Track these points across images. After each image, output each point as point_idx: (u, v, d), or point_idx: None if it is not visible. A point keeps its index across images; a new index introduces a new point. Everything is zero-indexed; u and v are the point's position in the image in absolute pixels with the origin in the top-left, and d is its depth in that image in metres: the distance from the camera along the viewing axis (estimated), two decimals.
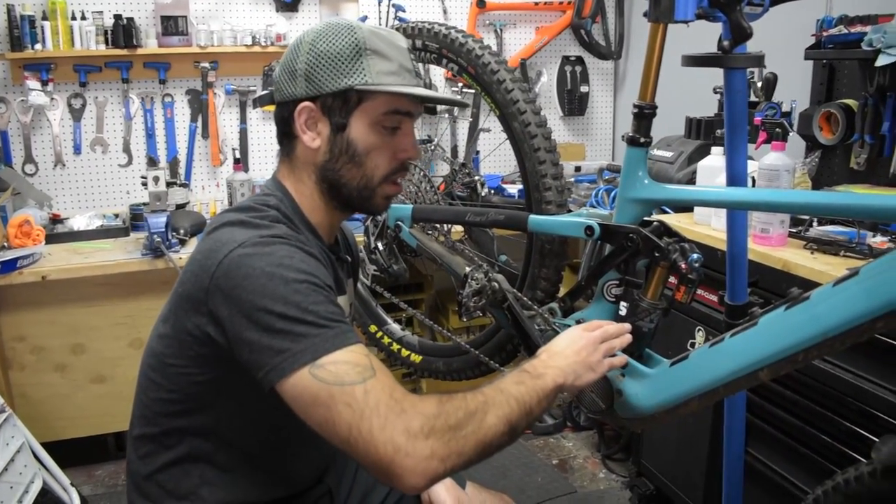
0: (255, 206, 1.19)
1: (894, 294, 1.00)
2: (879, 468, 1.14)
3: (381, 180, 1.22)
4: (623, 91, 3.85)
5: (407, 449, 0.95)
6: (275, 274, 1.04)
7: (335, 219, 1.28)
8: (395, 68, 1.18)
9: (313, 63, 1.17)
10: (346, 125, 1.18)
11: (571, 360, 1.19)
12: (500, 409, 1.05)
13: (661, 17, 1.20)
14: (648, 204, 1.34)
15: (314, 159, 1.21)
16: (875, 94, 2.13)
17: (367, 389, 0.98)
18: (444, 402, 1.01)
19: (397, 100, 1.19)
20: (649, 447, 2.48)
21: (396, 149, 1.21)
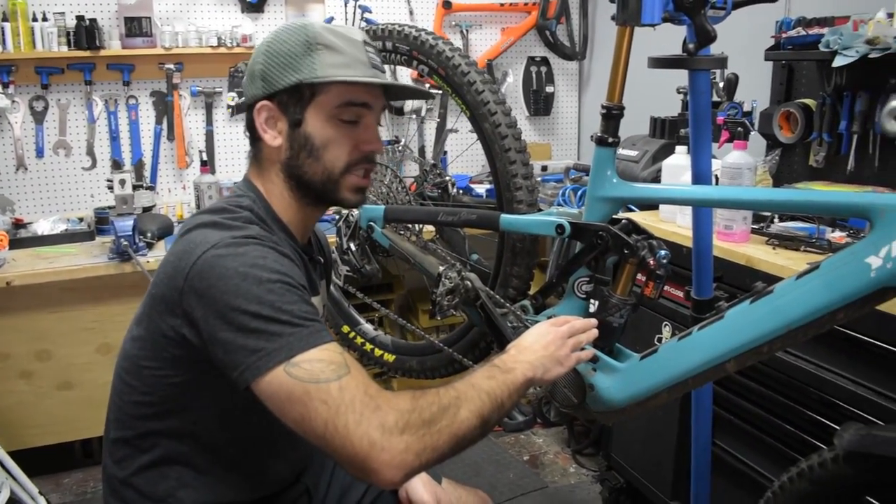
0: (228, 208, 1.20)
1: (853, 286, 1.05)
2: (842, 454, 1.18)
3: (342, 172, 1.23)
4: (588, 91, 3.90)
5: (382, 444, 0.97)
6: (248, 274, 1.05)
7: (308, 217, 1.29)
8: (346, 61, 1.19)
9: (268, 63, 1.20)
10: (302, 120, 1.20)
11: (540, 355, 1.22)
12: (472, 404, 1.07)
13: (629, 21, 1.24)
14: (617, 202, 1.37)
15: (278, 157, 1.23)
16: (832, 94, 2.20)
17: (342, 386, 0.99)
18: (417, 398, 1.03)
19: (350, 91, 1.20)
20: (619, 441, 2.52)
21: (357, 141, 1.22)
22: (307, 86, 1.18)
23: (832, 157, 2.27)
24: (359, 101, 1.21)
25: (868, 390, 1.57)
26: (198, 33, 3.01)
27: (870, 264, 1.02)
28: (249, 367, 1.02)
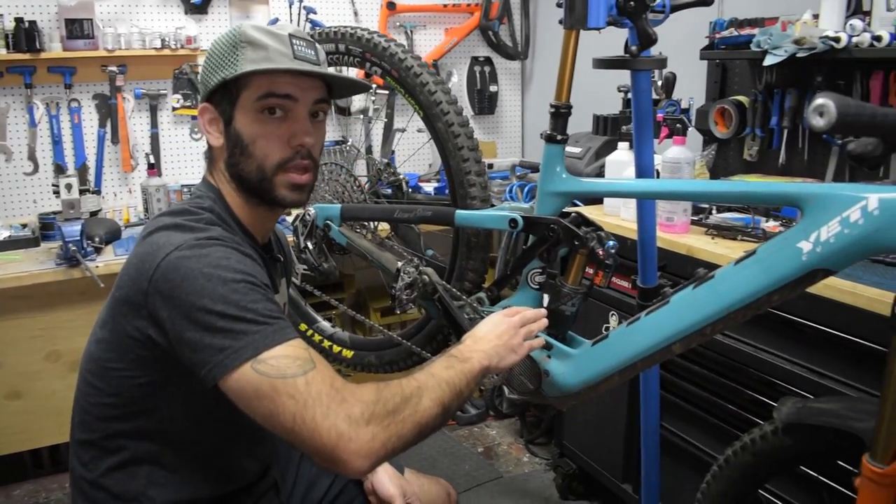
0: (191, 209, 1.22)
1: (786, 270, 1.13)
2: (781, 426, 1.28)
3: (275, 168, 1.22)
4: (530, 90, 3.98)
5: (350, 434, 1.01)
6: (213, 274, 1.08)
7: (263, 217, 1.31)
8: (266, 55, 1.19)
9: (205, 66, 1.25)
10: (233, 118, 1.22)
11: (494, 344, 1.28)
12: (433, 392, 1.12)
13: (576, 24, 1.30)
14: (567, 196, 1.44)
15: (222, 157, 1.26)
16: (764, 91, 2.32)
17: (308, 381, 1.03)
18: (381, 389, 1.08)
19: (270, 83, 1.20)
20: (570, 429, 2.60)
21: (287, 135, 1.22)
22: (231, 83, 1.20)
23: (764, 151, 2.38)
24: (280, 92, 1.20)
25: (802, 368, 1.67)
26: (141, 35, 2.98)
27: (801, 249, 1.10)
28: (217, 366, 1.05)
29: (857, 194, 1.06)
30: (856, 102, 0.92)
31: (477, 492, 2.71)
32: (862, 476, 1.10)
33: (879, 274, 1.61)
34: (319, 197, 1.80)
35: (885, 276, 1.60)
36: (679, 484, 2.08)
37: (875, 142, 0.99)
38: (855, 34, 1.94)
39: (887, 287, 1.52)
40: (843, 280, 1.57)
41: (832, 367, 1.62)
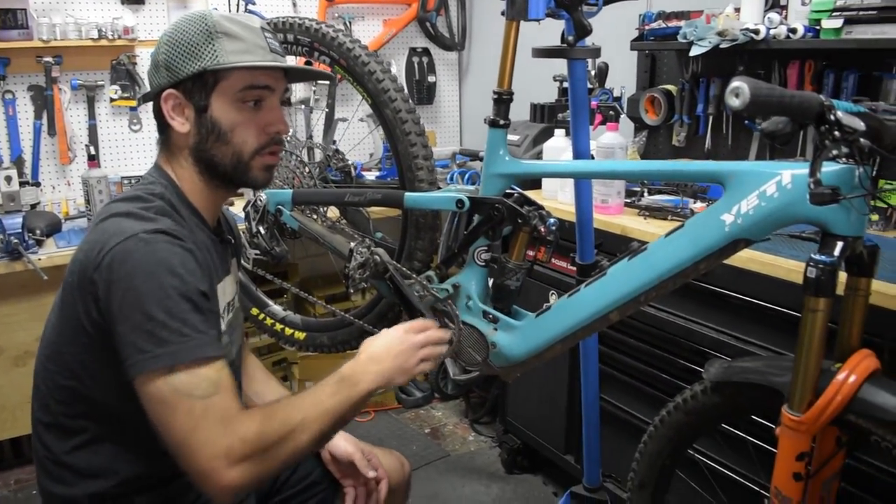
0: (143, 196, 1.26)
1: (712, 240, 1.23)
2: (709, 385, 1.39)
3: (252, 154, 1.30)
4: (467, 80, 4.07)
5: (222, 471, 1.10)
6: (153, 274, 1.12)
7: (218, 199, 1.37)
8: (246, 47, 1.26)
9: (171, 52, 1.26)
10: (208, 106, 1.26)
11: (388, 365, 1.32)
12: (315, 426, 1.19)
13: (517, 16, 1.38)
14: (510, 178, 1.52)
15: (187, 143, 1.30)
16: (690, 80, 2.45)
17: (206, 406, 1.11)
18: (266, 423, 1.14)
19: (251, 75, 1.27)
20: (514, 406, 2.71)
21: (263, 123, 1.29)
22: (210, 73, 1.25)
23: (692, 137, 2.53)
24: (260, 84, 1.28)
25: (728, 336, 1.81)
26: (77, 25, 2.94)
27: (724, 221, 1.21)
28: (134, 364, 1.12)
29: (773, 171, 1.17)
30: (767, 85, 1.03)
31: (426, 470, 2.80)
32: (782, 425, 1.22)
33: (797, 248, 1.75)
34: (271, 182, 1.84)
35: (802, 249, 1.74)
36: (618, 451, 2.20)
37: (785, 120, 1.10)
38: (773, 27, 2.08)
39: (803, 259, 1.62)
40: (764, 253, 1.70)
41: (755, 333, 1.75)
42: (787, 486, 1.22)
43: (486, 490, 2.68)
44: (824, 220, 1.14)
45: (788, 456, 1.21)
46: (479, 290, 1.55)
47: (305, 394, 1.24)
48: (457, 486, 2.71)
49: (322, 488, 1.60)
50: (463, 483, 2.73)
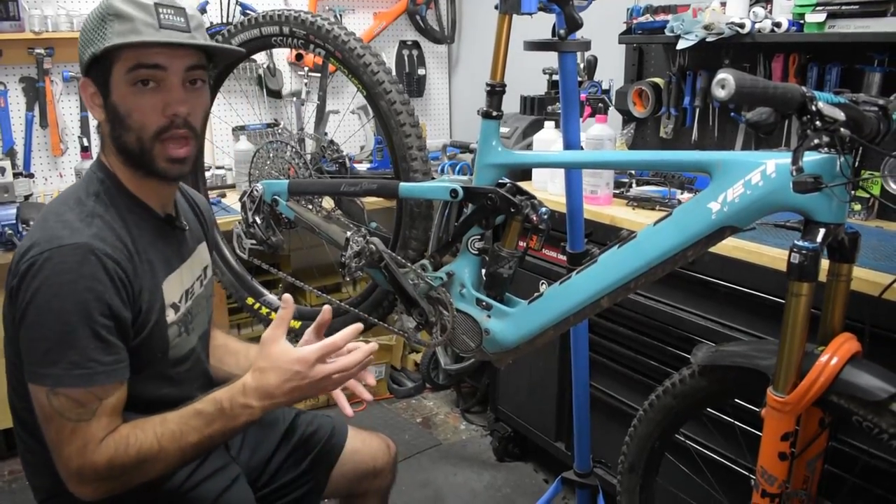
0: (81, 198, 1.26)
1: (699, 227, 1.27)
2: (697, 369, 1.43)
3: (152, 139, 1.25)
4: (457, 73, 4.10)
5: (75, 486, 1.19)
6: (58, 296, 1.15)
7: (156, 187, 1.33)
8: (132, 27, 1.20)
9: (80, 41, 1.26)
10: (109, 92, 1.23)
11: (277, 402, 1.23)
12: (173, 457, 1.21)
13: (510, 9, 1.41)
14: (503, 168, 1.55)
15: (106, 131, 1.28)
16: (677, 73, 2.49)
17: (74, 429, 1.16)
18: (119, 453, 1.18)
19: (138, 54, 1.21)
20: (504, 395, 2.75)
21: (161, 105, 1.24)
22: (101, 57, 1.21)
23: (679, 129, 2.57)
24: (149, 62, 1.21)
25: (715, 322, 1.85)
26: (69, 17, 2.94)
27: (711, 209, 1.25)
28: (26, 371, 1.19)
29: (758, 160, 1.21)
30: (751, 77, 1.07)
31: (418, 459, 2.84)
32: (767, 406, 1.26)
33: (781, 237, 1.79)
34: (266, 173, 1.87)
35: (786, 238, 1.78)
36: (607, 438, 2.25)
37: (768, 111, 1.14)
38: (758, 21, 2.12)
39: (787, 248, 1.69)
40: (750, 242, 1.74)
41: (740, 319, 1.80)
42: (772, 466, 1.26)
43: (477, 477, 2.72)
44: (807, 208, 1.18)
45: (774, 436, 1.25)
46: (472, 278, 1.58)
47: (176, 420, 1.21)
48: (449, 474, 2.75)
49: (314, 474, 1.63)
50: (455, 471, 2.77)
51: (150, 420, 1.22)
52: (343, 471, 1.64)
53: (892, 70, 1.97)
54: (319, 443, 1.64)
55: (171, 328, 1.33)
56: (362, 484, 1.67)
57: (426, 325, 1.63)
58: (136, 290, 1.24)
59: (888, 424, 1.17)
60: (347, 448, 1.65)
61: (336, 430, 1.67)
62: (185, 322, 1.38)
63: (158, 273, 1.31)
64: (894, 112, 1.21)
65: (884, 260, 1.62)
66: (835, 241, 1.25)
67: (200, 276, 1.48)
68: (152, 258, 1.31)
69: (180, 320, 1.36)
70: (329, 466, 1.63)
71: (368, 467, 1.67)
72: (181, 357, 1.37)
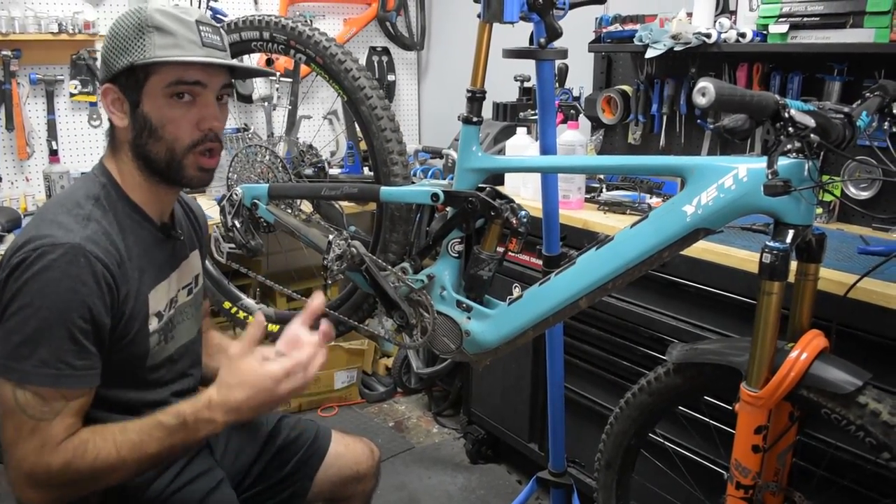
0: (80, 201, 1.26)
1: (674, 230, 1.32)
2: (672, 367, 1.48)
3: (185, 151, 1.28)
4: (426, 79, 4.13)
5: (21, 488, 1.17)
6: (41, 293, 1.16)
7: (161, 195, 1.36)
8: (175, 41, 1.23)
9: (107, 47, 1.28)
10: (140, 101, 1.26)
11: (239, 417, 1.20)
12: (131, 467, 1.20)
13: (492, 18, 1.45)
14: (482, 172, 1.59)
15: (126, 138, 1.30)
16: (645, 81, 2.56)
17: (34, 428, 1.16)
18: (76, 460, 1.16)
19: (180, 70, 1.25)
20: (477, 397, 2.78)
21: (196, 119, 1.27)
22: (139, 67, 1.24)
23: (647, 135, 2.63)
24: (189, 80, 1.26)
25: (686, 323, 1.91)
26: (36, 19, 2.91)
27: (686, 211, 1.30)
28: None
29: (731, 165, 1.26)
30: (729, 85, 1.12)
31: (392, 462, 2.85)
32: (741, 401, 1.31)
33: (749, 239, 1.85)
34: (245, 178, 1.88)
35: (753, 240, 1.84)
36: (581, 438, 2.29)
37: (744, 118, 1.19)
38: (723, 31, 2.19)
39: (755, 249, 1.77)
40: (719, 245, 1.80)
41: (710, 320, 1.85)
42: (746, 458, 1.31)
43: (451, 480, 2.75)
44: (777, 210, 1.24)
45: (747, 429, 1.30)
46: (452, 280, 1.61)
47: (137, 430, 1.19)
48: (423, 476, 2.77)
49: (298, 478, 1.63)
50: (429, 474, 2.79)
51: (110, 428, 1.21)
52: (327, 475, 1.64)
53: (852, 79, 2.05)
54: (303, 446, 1.64)
55: (151, 336, 1.33)
56: (346, 488, 1.67)
57: (406, 328, 1.66)
58: (121, 297, 1.24)
59: (855, 416, 1.22)
60: (331, 452, 1.66)
61: (319, 433, 1.68)
62: (166, 331, 1.38)
63: (147, 281, 1.32)
64: (858, 119, 1.27)
65: (846, 261, 1.69)
66: (803, 242, 1.30)
67: (190, 284, 1.48)
68: (143, 266, 1.31)
69: (161, 329, 1.36)
70: (312, 470, 1.63)
71: (352, 471, 1.67)
72: (156, 364, 1.37)
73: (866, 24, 1.89)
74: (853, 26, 1.92)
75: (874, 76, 1.98)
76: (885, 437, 1.20)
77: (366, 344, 3.37)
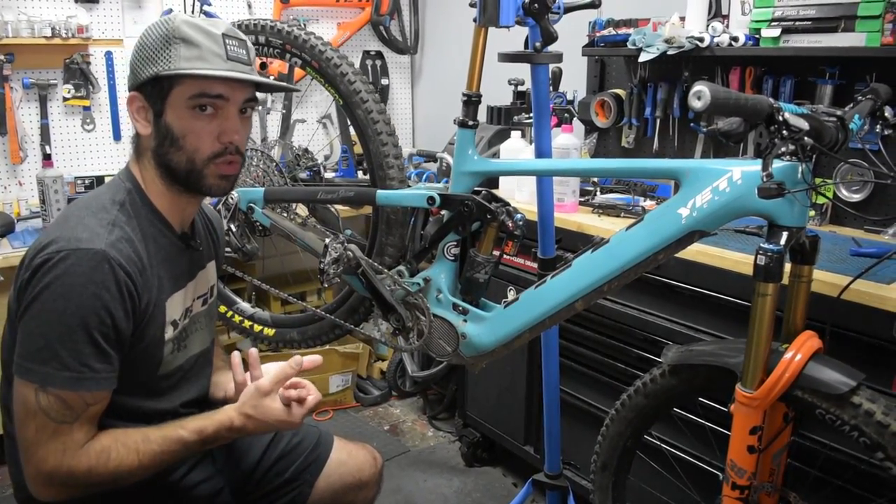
0: (105, 205, 1.28)
1: (669, 232, 1.33)
2: (667, 368, 1.49)
3: (205, 162, 1.30)
4: (420, 83, 4.14)
5: (39, 486, 1.21)
6: (63, 297, 1.17)
7: (185, 204, 1.38)
8: (200, 54, 1.25)
9: (136, 55, 1.30)
10: (163, 111, 1.28)
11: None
12: (147, 472, 1.26)
13: (488, 23, 1.46)
14: (479, 175, 1.60)
15: (149, 146, 1.32)
16: (638, 85, 2.57)
17: (57, 430, 1.18)
18: (97, 465, 1.21)
19: (203, 83, 1.26)
20: (473, 401, 2.78)
21: (218, 132, 1.29)
22: (164, 78, 1.26)
23: (640, 139, 2.64)
24: (213, 93, 1.27)
25: (680, 325, 1.92)
26: (30, 23, 2.90)
27: (681, 214, 1.31)
28: (16, 365, 1.19)
29: (725, 168, 1.28)
30: (724, 89, 1.13)
31: (387, 466, 2.81)
32: (736, 402, 1.32)
33: (742, 241, 1.87)
34: (241, 181, 1.88)
35: (747, 242, 1.86)
36: (575, 440, 2.30)
37: (739, 121, 1.20)
38: (716, 35, 2.20)
39: (748, 251, 1.78)
40: (713, 247, 1.81)
41: (705, 321, 1.86)
42: (741, 459, 1.32)
43: (447, 483, 2.75)
44: (771, 213, 1.25)
45: (742, 430, 1.31)
46: (448, 283, 1.62)
47: (159, 442, 1.26)
48: (419, 480, 2.77)
49: (297, 484, 1.63)
50: (425, 477, 2.79)
51: (132, 435, 1.25)
52: (329, 482, 1.64)
53: (843, 83, 2.07)
54: (304, 452, 1.64)
55: (166, 345, 1.35)
56: (347, 496, 1.66)
57: (403, 331, 1.66)
58: (142, 304, 1.26)
59: (849, 416, 1.24)
60: (333, 459, 1.65)
61: (321, 440, 1.67)
62: (180, 340, 1.40)
63: (165, 289, 1.33)
64: (851, 122, 1.28)
65: (839, 263, 1.71)
66: (797, 244, 1.32)
67: (205, 294, 1.50)
68: (162, 274, 1.33)
69: (176, 338, 1.38)
70: (312, 477, 1.63)
71: (354, 479, 1.66)
72: (168, 373, 1.39)
73: (858, 28, 1.91)
74: (845, 30, 1.93)
75: (865, 80, 1.99)
76: (878, 436, 1.21)
77: (360, 348, 3.37)
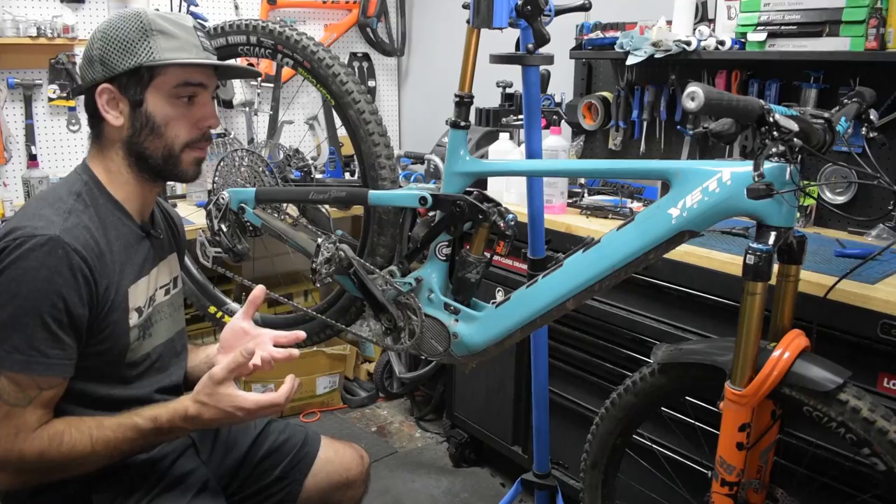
0: (62, 196, 1.30)
1: (660, 232, 1.35)
2: (657, 367, 1.51)
3: (182, 148, 1.36)
4: (407, 85, 4.14)
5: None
6: (16, 281, 1.20)
7: (147, 193, 1.41)
8: (181, 44, 1.32)
9: (106, 48, 1.31)
10: (143, 100, 1.32)
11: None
12: (101, 460, 1.27)
13: (481, 24, 1.47)
14: (470, 176, 1.61)
15: (120, 136, 1.35)
16: (625, 88, 2.59)
17: (9, 413, 1.21)
18: (50, 448, 1.22)
19: (186, 72, 1.34)
20: (460, 401, 2.79)
21: (195, 118, 1.36)
22: (146, 68, 1.30)
23: (627, 141, 2.67)
24: (195, 81, 1.35)
25: (668, 325, 1.94)
26: (14, 23, 2.88)
27: (671, 214, 1.33)
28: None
29: (715, 169, 1.29)
30: (717, 90, 1.15)
31: (375, 467, 2.81)
32: (725, 400, 1.34)
33: (729, 242, 1.89)
34: (231, 182, 1.88)
35: (734, 244, 1.88)
36: (564, 440, 2.31)
37: (730, 122, 1.22)
38: (703, 39, 2.23)
39: (735, 252, 1.80)
40: (700, 248, 1.84)
41: (692, 321, 1.88)
42: (730, 455, 1.34)
43: (435, 483, 2.75)
44: (760, 213, 1.27)
45: (731, 427, 1.33)
46: (440, 283, 1.63)
47: (113, 428, 1.27)
48: (407, 480, 2.78)
49: (287, 483, 1.63)
50: (413, 478, 2.80)
51: (86, 421, 1.26)
52: (316, 480, 1.64)
53: (828, 87, 2.10)
54: (291, 451, 1.64)
55: (132, 331, 1.36)
56: (335, 494, 1.67)
57: (394, 330, 1.67)
58: (100, 289, 1.28)
59: (836, 413, 1.26)
60: (321, 458, 1.66)
61: (309, 438, 1.68)
62: (145, 327, 1.41)
63: (127, 276, 1.35)
64: (838, 124, 1.31)
65: (824, 263, 1.73)
66: (785, 244, 1.34)
67: (167, 284, 1.51)
68: (124, 261, 1.35)
69: (141, 325, 1.39)
70: (301, 475, 1.63)
71: (342, 478, 1.67)
72: (136, 360, 1.39)
73: (842, 32, 1.94)
74: (829, 35, 1.97)
75: (850, 84, 2.03)
76: (865, 432, 1.24)
77: (347, 349, 3.37)
